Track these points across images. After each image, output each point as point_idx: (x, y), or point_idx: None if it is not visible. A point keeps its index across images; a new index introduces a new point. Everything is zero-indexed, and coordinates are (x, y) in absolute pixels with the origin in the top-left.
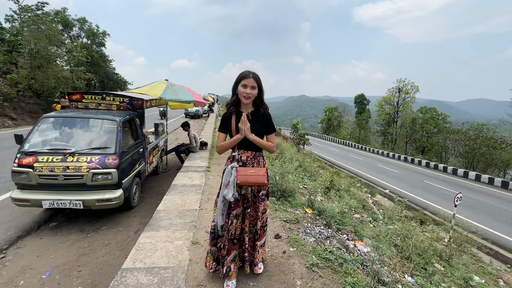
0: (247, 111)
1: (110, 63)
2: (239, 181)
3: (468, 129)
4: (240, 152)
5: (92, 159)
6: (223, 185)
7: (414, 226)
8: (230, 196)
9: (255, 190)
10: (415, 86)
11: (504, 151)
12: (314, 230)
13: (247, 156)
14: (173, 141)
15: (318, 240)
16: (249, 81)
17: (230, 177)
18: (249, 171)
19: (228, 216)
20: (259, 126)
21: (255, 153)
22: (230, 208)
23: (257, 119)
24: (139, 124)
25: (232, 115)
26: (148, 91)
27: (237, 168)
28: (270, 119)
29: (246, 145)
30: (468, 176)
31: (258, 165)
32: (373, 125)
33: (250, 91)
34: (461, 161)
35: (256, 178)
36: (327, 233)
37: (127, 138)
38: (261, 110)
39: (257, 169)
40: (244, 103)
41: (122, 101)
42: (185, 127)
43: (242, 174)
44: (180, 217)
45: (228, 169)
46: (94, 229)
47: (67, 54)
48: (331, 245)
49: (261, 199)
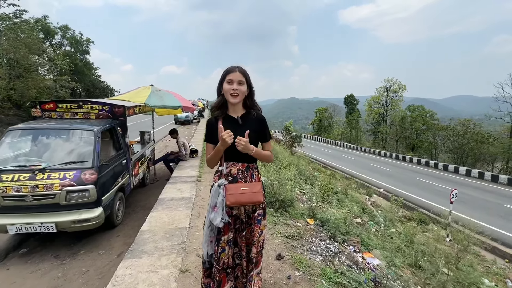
0: (236, 114)
1: (96, 71)
2: (229, 202)
3: (455, 125)
4: (229, 164)
5: (65, 175)
6: (209, 207)
7: (415, 227)
8: (218, 221)
9: (249, 210)
10: (402, 85)
11: (491, 145)
12: (320, 246)
13: (238, 169)
14: (162, 149)
15: (326, 259)
16: (235, 75)
17: (218, 197)
18: (241, 188)
19: (218, 243)
20: (252, 132)
21: (248, 165)
22: (220, 233)
23: (250, 124)
24: (121, 133)
25: (219, 120)
26: (131, 98)
27: (225, 186)
28: (265, 124)
29: (236, 156)
30: (459, 171)
31: (251, 179)
32: (363, 125)
33: (237, 87)
34: (451, 156)
35: (249, 197)
36: (334, 249)
37: (107, 149)
38: (253, 113)
39: (250, 184)
40: (231, 103)
41: (101, 109)
42: (173, 134)
43: (232, 193)
44: (167, 238)
45: (214, 187)
46: (71, 254)
47: (49, 63)
48: (340, 262)
49: (257, 221)
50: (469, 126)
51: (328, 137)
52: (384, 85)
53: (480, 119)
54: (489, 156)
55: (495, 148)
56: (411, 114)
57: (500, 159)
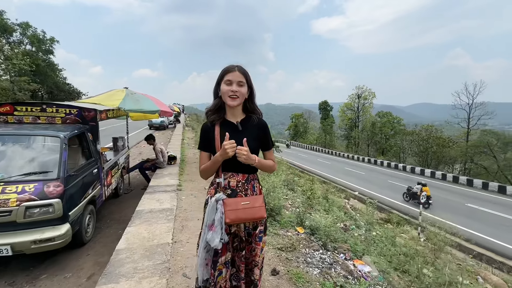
0: (235, 119)
1: (61, 72)
2: (228, 219)
3: (420, 130)
4: (227, 176)
5: (25, 188)
6: (205, 226)
7: (394, 230)
8: (217, 243)
9: (249, 227)
10: (372, 93)
11: (451, 149)
12: (315, 258)
13: (238, 181)
14: (136, 157)
15: (322, 271)
16: (234, 75)
17: (215, 214)
18: (241, 203)
19: (214, 266)
20: (252, 139)
21: (248, 176)
22: (217, 254)
23: (250, 130)
24: (91, 139)
25: (215, 125)
26: (103, 101)
27: (224, 201)
28: (268, 131)
29: (235, 166)
30: (425, 173)
31: (252, 192)
32: (337, 130)
33: (237, 88)
34: (417, 159)
35: (251, 213)
36: (329, 259)
37: (75, 157)
38: (254, 118)
39: (251, 198)
40: (230, 106)
41: (69, 113)
42: (150, 141)
43: (232, 209)
44: (148, 257)
45: (211, 203)
46: (30, 280)
47: (5, 62)
48: (336, 273)
49: (258, 238)
50: (432, 131)
51: (304, 142)
52: (355, 92)
53: (440, 125)
54: (449, 158)
55: (455, 151)
56: (381, 120)
57: (459, 161)
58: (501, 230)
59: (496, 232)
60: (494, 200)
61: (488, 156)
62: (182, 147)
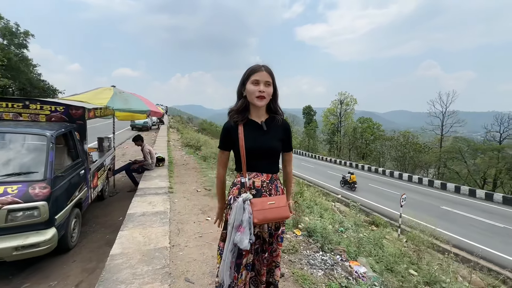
0: (260, 119)
1: (35, 68)
2: (256, 219)
3: (398, 136)
4: (251, 176)
5: (7, 190)
6: (232, 227)
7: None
8: (246, 243)
9: (272, 227)
10: (353, 99)
11: (427, 154)
12: (316, 259)
13: (262, 181)
14: (119, 158)
15: (326, 272)
16: (261, 75)
17: (243, 215)
18: (267, 203)
19: (238, 269)
20: (276, 141)
21: (272, 175)
22: (241, 256)
23: (275, 130)
24: (79, 139)
25: (239, 125)
26: (90, 99)
27: (251, 201)
28: (290, 132)
29: (259, 166)
30: (403, 177)
31: (276, 192)
32: (320, 134)
33: (264, 89)
34: (395, 164)
35: (277, 212)
36: (330, 261)
37: (62, 157)
38: (278, 119)
39: (276, 198)
40: (257, 106)
41: (55, 110)
42: (138, 141)
43: (259, 209)
44: (147, 262)
45: (239, 203)
46: None
47: None
48: (339, 275)
49: (280, 239)
50: (409, 137)
51: None
52: (338, 98)
53: (416, 132)
54: (425, 163)
55: (430, 156)
56: (361, 126)
57: (433, 166)
58: (470, 231)
59: (467, 232)
60: (465, 203)
61: (459, 161)
62: (168, 148)
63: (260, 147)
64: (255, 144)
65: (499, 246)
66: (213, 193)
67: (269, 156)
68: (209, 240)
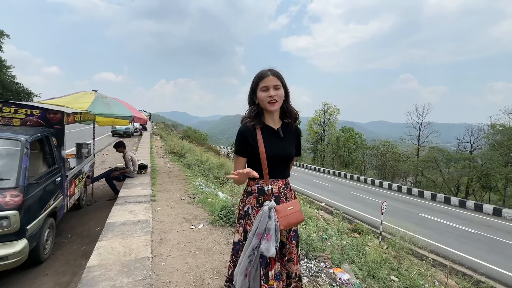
0: (275, 125)
1: (9, 69)
2: (282, 226)
3: (379, 145)
4: (271, 181)
5: None
6: (253, 235)
7: (364, 238)
8: (273, 251)
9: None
10: (336, 109)
11: (405, 163)
12: (301, 266)
13: (279, 187)
14: (98, 165)
15: (311, 279)
16: (269, 80)
17: (268, 223)
18: (288, 209)
19: (266, 279)
20: (292, 147)
21: (285, 180)
22: (267, 266)
23: (290, 136)
24: (56, 144)
25: (257, 129)
26: (70, 103)
27: (276, 209)
28: (300, 137)
29: (276, 172)
30: (383, 185)
31: (291, 196)
32: (304, 143)
33: (274, 93)
34: (376, 172)
35: (297, 217)
36: (315, 268)
37: (37, 164)
38: (291, 125)
39: (293, 203)
40: (270, 111)
41: (30, 114)
42: (120, 148)
43: (283, 216)
44: (127, 273)
45: (264, 212)
46: None
47: None
48: (323, 281)
49: (292, 238)
50: (389, 147)
51: None
52: (322, 108)
53: (395, 141)
54: (403, 172)
55: (408, 165)
56: (344, 135)
57: (411, 175)
58: (446, 237)
59: (444, 238)
60: (441, 210)
61: (435, 170)
62: (151, 155)
63: (279, 155)
64: (275, 152)
65: (472, 251)
66: (197, 201)
67: (285, 162)
68: (192, 249)
